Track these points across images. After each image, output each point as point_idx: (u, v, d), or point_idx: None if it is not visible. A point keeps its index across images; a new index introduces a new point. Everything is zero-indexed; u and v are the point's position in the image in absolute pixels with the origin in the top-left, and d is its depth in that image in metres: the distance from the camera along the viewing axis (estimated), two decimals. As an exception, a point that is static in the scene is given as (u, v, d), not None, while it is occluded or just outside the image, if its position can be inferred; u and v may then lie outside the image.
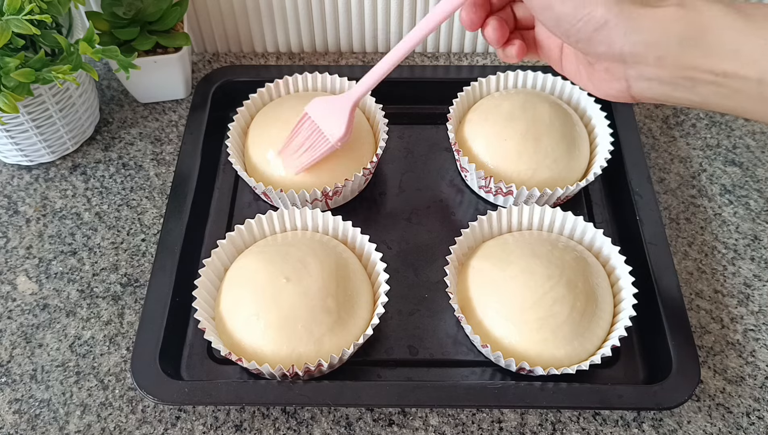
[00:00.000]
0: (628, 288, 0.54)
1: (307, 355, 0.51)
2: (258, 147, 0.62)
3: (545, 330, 0.51)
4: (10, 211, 0.64)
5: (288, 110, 0.63)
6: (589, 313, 0.52)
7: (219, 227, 0.63)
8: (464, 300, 0.55)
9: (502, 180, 0.61)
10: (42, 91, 0.60)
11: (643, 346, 0.55)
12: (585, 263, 0.55)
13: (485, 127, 0.63)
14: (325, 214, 0.58)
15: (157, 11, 0.65)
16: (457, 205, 0.65)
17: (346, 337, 0.52)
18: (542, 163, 0.61)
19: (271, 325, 0.51)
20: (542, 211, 0.59)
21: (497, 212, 0.59)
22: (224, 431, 0.52)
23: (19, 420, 0.52)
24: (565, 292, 0.52)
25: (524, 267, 0.53)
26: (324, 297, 0.52)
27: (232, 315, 0.53)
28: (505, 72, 0.68)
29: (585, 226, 0.58)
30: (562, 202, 0.63)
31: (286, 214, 0.58)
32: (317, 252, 0.54)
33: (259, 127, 0.64)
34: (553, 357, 0.51)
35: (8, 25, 0.53)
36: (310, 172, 0.60)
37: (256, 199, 0.65)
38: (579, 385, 0.51)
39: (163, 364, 0.51)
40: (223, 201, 0.65)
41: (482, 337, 0.52)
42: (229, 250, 0.57)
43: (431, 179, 0.66)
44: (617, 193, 0.64)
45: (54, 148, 0.66)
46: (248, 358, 0.51)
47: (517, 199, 0.61)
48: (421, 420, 0.52)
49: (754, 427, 0.52)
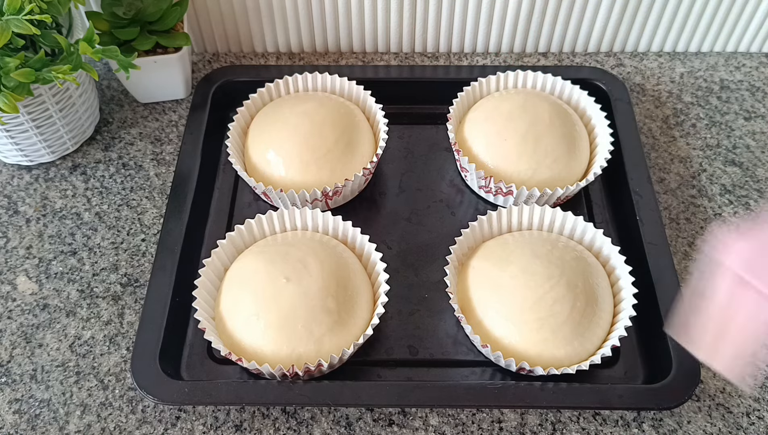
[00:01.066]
0: (628, 288, 0.54)
1: (307, 355, 0.51)
2: (258, 147, 0.62)
3: (545, 330, 0.51)
4: (10, 211, 0.64)
5: (288, 110, 0.63)
6: (589, 313, 0.52)
7: (219, 227, 0.63)
8: (464, 300, 0.55)
9: (502, 180, 0.61)
10: (42, 91, 0.60)
11: (643, 346, 0.55)
12: (585, 263, 0.55)
13: (485, 127, 0.63)
14: (325, 214, 0.58)
15: (157, 11, 0.65)
16: (457, 204, 0.65)
17: (346, 337, 0.52)
18: (542, 163, 0.60)
19: (271, 325, 0.51)
20: (542, 211, 0.58)
21: (497, 212, 0.59)
22: (224, 431, 0.52)
23: (19, 420, 0.52)
24: (565, 292, 0.52)
25: (524, 267, 0.53)
26: (324, 297, 0.52)
27: (232, 315, 0.53)
28: (505, 72, 0.68)
29: (585, 226, 0.58)
30: (562, 202, 0.63)
31: (286, 214, 0.58)
32: (317, 252, 0.54)
33: (259, 127, 0.64)
34: (553, 357, 0.51)
35: (8, 25, 0.53)
36: (310, 171, 0.60)
37: (256, 199, 0.65)
38: (579, 385, 0.51)
39: (163, 364, 0.51)
40: (223, 201, 0.65)
41: (482, 337, 0.52)
42: (229, 250, 0.57)
43: (431, 179, 0.66)
44: (617, 193, 0.64)
45: (54, 148, 0.66)
46: (248, 358, 0.51)
47: (517, 199, 0.61)
48: (421, 420, 0.52)
49: (754, 427, 0.52)
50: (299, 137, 0.61)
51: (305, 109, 0.62)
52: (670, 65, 0.76)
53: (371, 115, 0.66)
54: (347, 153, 0.61)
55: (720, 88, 0.74)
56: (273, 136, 0.62)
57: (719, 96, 0.74)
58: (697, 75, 0.76)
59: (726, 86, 0.74)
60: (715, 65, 0.76)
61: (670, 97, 0.73)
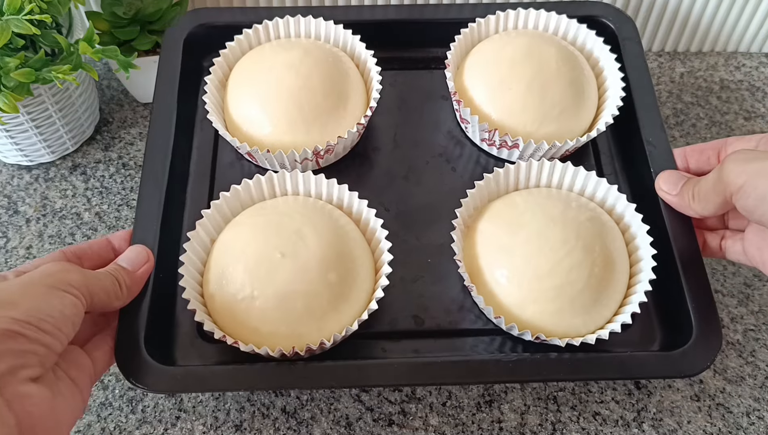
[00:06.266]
0: (645, 248, 0.50)
1: (308, 335, 0.47)
2: (239, 104, 0.57)
3: (562, 299, 0.48)
4: (10, 211, 0.64)
5: (270, 61, 0.57)
6: (606, 278, 0.49)
7: (201, 193, 0.58)
8: (472, 266, 0.51)
9: (507, 133, 0.56)
10: (42, 91, 0.60)
11: (661, 311, 0.52)
12: (600, 223, 0.51)
13: (486, 75, 0.58)
14: (318, 177, 0.53)
15: (157, 11, 0.65)
16: (457, 158, 0.60)
17: (349, 312, 0.48)
18: (549, 114, 0.55)
19: (268, 305, 0.47)
20: (552, 166, 0.54)
21: (504, 169, 0.54)
22: (224, 431, 0.52)
23: (18, 420, 0.52)
24: (582, 258, 0.48)
25: (537, 231, 0.49)
26: (324, 271, 0.48)
27: (225, 295, 0.48)
28: (506, 11, 0.62)
29: (597, 181, 0.53)
30: (569, 154, 0.59)
31: (275, 178, 0.53)
32: (313, 221, 0.50)
33: (239, 81, 0.58)
34: (570, 326, 0.48)
35: (8, 25, 0.53)
36: (298, 130, 0.55)
37: (239, 159, 0.59)
38: (597, 354, 0.48)
39: (149, 349, 0.47)
40: (203, 163, 0.59)
41: (495, 308, 0.49)
42: (215, 221, 0.52)
43: (428, 131, 0.61)
44: (627, 143, 0.59)
45: (54, 148, 0.66)
46: (245, 340, 0.47)
47: (523, 153, 0.56)
48: (421, 420, 0.52)
49: (754, 427, 0.52)
50: (285, 93, 0.55)
51: (289, 59, 0.57)
52: (670, 65, 0.76)
53: (361, 62, 0.60)
54: (338, 107, 0.56)
55: (720, 88, 0.74)
56: (255, 92, 0.56)
57: (719, 96, 0.73)
58: (697, 75, 0.75)
59: (726, 86, 0.74)
60: (715, 65, 0.76)
61: (670, 97, 0.73)
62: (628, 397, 0.54)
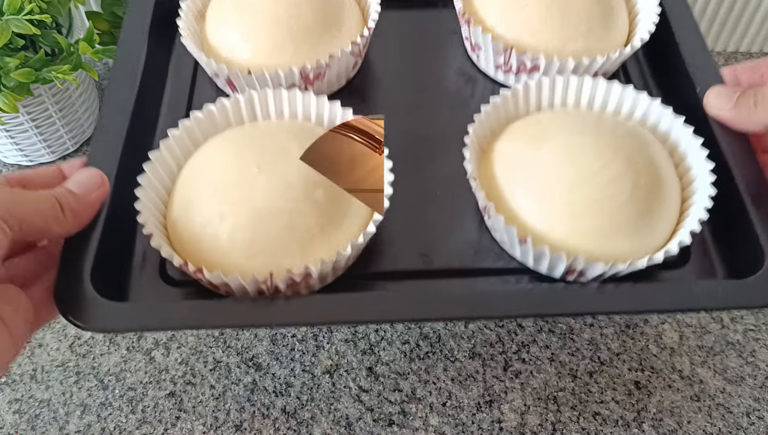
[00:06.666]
0: (700, 165, 0.42)
1: (290, 263, 0.38)
2: (219, 28, 0.50)
3: (602, 214, 0.39)
4: (10, 211, 0.64)
5: None
6: (654, 193, 0.40)
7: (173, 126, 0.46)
8: (489, 188, 0.43)
9: (526, 51, 0.48)
10: (42, 91, 0.60)
11: (719, 237, 0.44)
12: (642, 138, 0.43)
13: None
14: (306, 94, 0.45)
15: (157, 11, 0.65)
16: (469, 96, 0.52)
17: (340, 240, 0.40)
18: (573, 35, 0.48)
19: (240, 226, 0.38)
20: (579, 82, 0.46)
21: (523, 87, 0.46)
22: (224, 431, 0.52)
23: (19, 420, 0.52)
24: (624, 169, 0.40)
25: (567, 142, 0.41)
26: (311, 188, 0.39)
27: (188, 218, 0.40)
28: None
29: (636, 96, 0.45)
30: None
31: (256, 97, 0.45)
32: (299, 137, 0.42)
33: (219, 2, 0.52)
34: (615, 250, 0.39)
35: (8, 25, 0.53)
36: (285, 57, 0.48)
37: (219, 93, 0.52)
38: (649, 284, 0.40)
39: (95, 284, 0.38)
40: (177, 95, 0.51)
41: (519, 229, 0.40)
42: (183, 144, 0.44)
43: (435, 67, 0.54)
44: (665, 65, 0.52)
45: (54, 148, 0.66)
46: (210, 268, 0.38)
47: (545, 74, 0.49)
48: (421, 420, 0.52)
49: (754, 427, 0.52)
50: (270, 15, 0.49)
51: None
52: (671, 65, 0.76)
53: None
54: (331, 30, 0.50)
55: (720, 88, 0.74)
56: (237, 14, 0.50)
57: (719, 96, 0.73)
58: (697, 75, 0.75)
59: (726, 86, 0.74)
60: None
61: (670, 97, 0.73)
62: (628, 397, 0.54)
